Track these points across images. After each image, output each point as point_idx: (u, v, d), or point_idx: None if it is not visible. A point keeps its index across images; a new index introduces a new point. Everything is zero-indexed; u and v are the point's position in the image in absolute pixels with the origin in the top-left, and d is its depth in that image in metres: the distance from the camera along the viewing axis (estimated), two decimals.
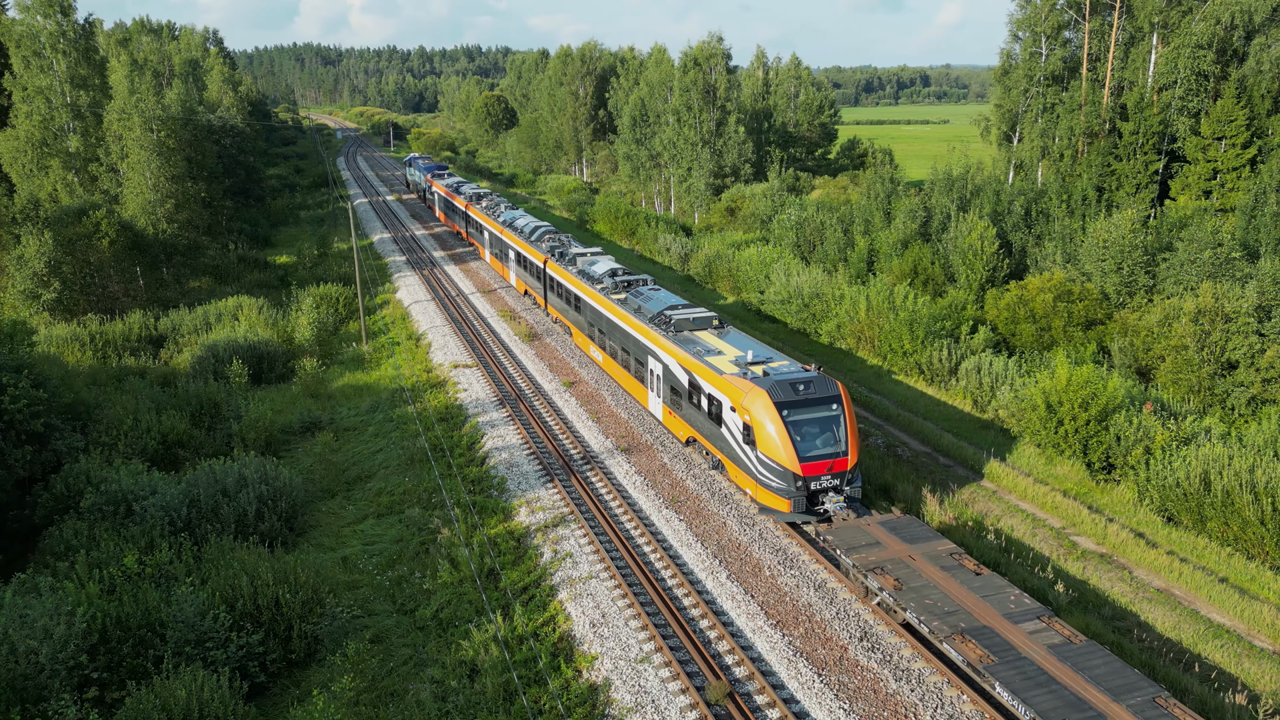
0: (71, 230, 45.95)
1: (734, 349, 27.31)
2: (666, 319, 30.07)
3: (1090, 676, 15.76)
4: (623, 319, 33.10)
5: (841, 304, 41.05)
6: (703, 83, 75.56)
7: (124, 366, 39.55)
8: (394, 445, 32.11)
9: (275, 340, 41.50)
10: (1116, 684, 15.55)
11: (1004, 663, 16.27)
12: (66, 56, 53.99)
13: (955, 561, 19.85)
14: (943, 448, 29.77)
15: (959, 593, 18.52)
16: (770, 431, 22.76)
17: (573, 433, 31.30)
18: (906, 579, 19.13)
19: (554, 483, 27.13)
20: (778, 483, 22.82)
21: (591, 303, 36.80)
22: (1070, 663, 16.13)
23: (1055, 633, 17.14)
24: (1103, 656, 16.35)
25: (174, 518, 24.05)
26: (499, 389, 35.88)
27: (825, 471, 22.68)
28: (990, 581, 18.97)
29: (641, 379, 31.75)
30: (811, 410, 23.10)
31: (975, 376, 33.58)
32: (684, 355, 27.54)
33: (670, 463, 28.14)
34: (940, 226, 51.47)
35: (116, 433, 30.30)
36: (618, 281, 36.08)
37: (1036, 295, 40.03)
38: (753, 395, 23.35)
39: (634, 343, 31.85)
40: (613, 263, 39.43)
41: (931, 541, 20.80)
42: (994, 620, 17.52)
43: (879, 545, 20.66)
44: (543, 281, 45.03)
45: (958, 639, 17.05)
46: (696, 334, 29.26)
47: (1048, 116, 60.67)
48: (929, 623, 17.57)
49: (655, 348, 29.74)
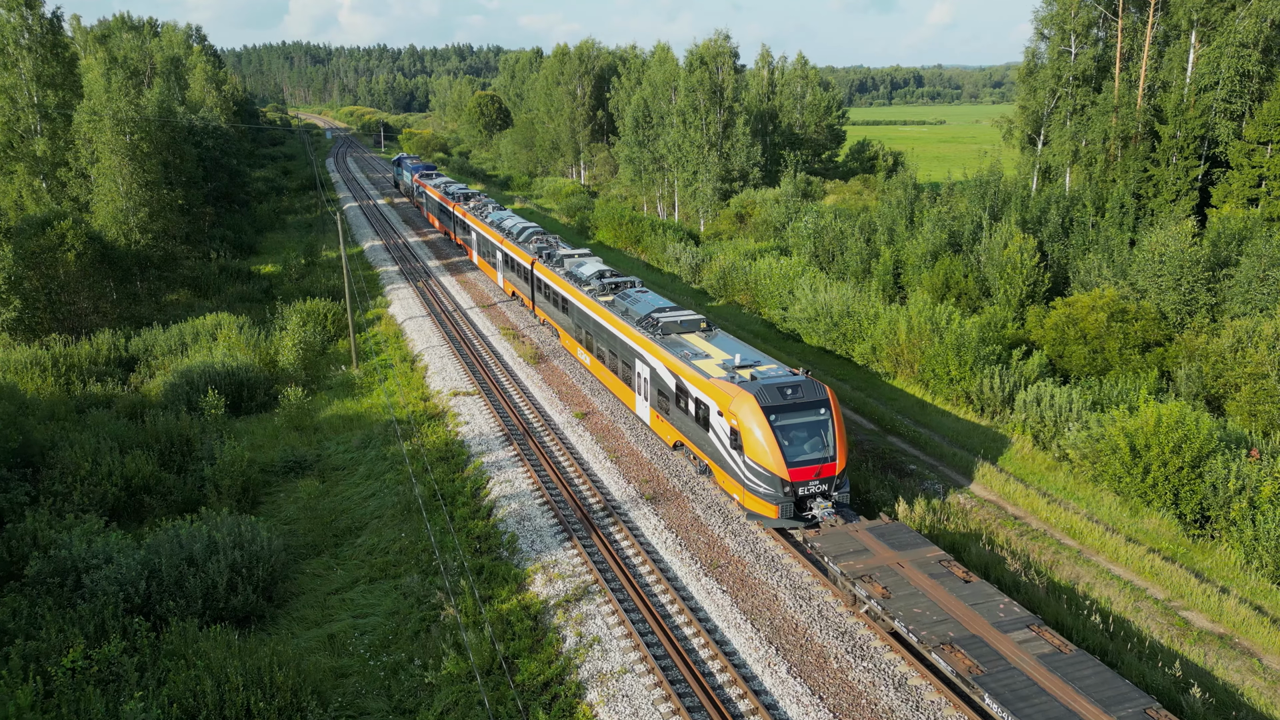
0: (34, 242, 42.16)
1: (722, 352, 26.92)
2: (654, 321, 29.69)
3: (1080, 687, 15.41)
4: (610, 321, 32.45)
5: (877, 324, 37.66)
6: (709, 83, 72.15)
7: (88, 395, 35.83)
8: (388, 489, 28.55)
9: (256, 365, 37.80)
10: (1107, 695, 15.21)
11: (993, 673, 15.90)
12: (32, 53, 50.13)
13: (944, 569, 19.45)
14: (1009, 495, 26.40)
15: (948, 601, 18.17)
16: (758, 436, 22.42)
17: (590, 476, 27.80)
18: (895, 587, 18.80)
19: (573, 541, 23.63)
20: (765, 488, 22.51)
21: (579, 305, 36.12)
22: (1060, 673, 15.81)
23: (1045, 642, 16.76)
24: (1093, 667, 15.97)
25: (130, 593, 20.47)
26: (504, 422, 32.34)
27: (813, 477, 22.45)
28: (980, 589, 18.59)
29: (629, 382, 31.17)
30: (799, 415, 22.80)
31: (1035, 409, 30.21)
32: (671, 359, 27.10)
33: (704, 516, 24.67)
34: (971, 237, 48.22)
35: (72, 479, 26.66)
36: (605, 283, 35.30)
37: (1087, 314, 36.73)
38: (740, 400, 22.97)
39: (621, 345, 31.31)
40: (600, 264, 38.76)
41: (920, 548, 20.36)
42: (983, 629, 17.18)
43: (867, 552, 20.27)
44: (530, 283, 44.42)
45: (946, 648, 16.69)
46: (684, 337, 28.92)
47: (1077, 119, 57.44)
48: (917, 631, 17.23)
49: (643, 351, 29.29)
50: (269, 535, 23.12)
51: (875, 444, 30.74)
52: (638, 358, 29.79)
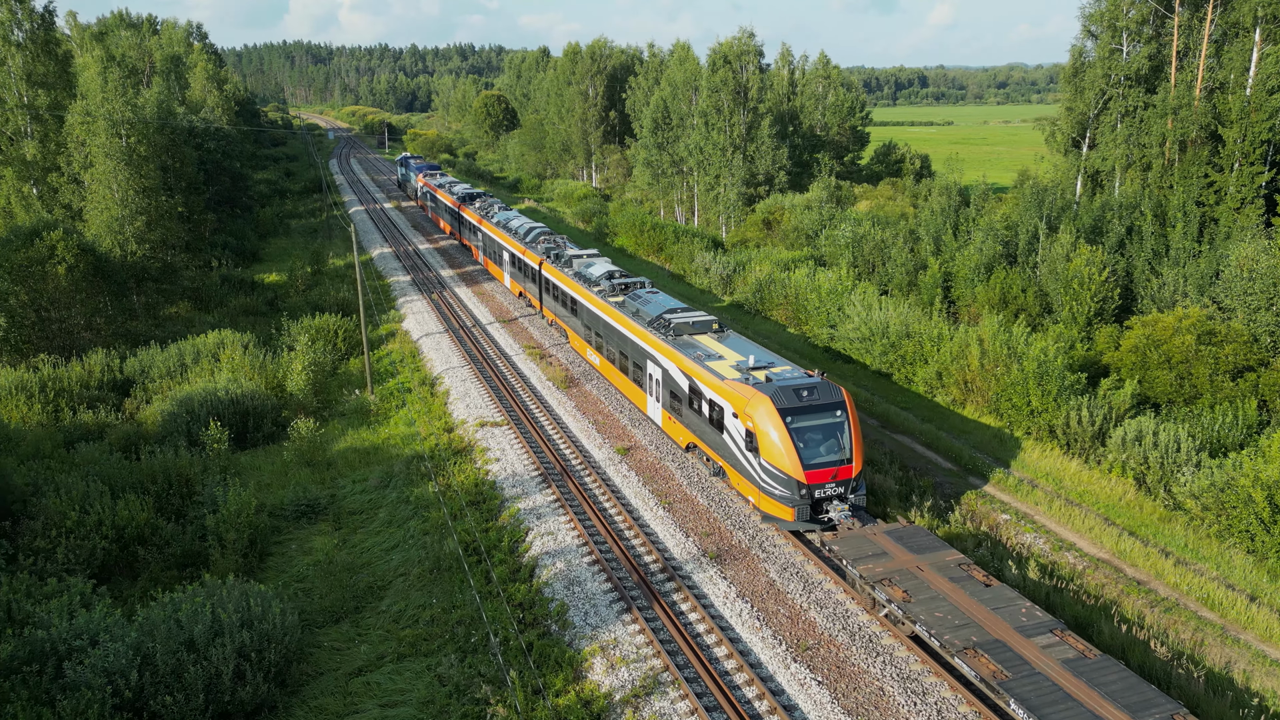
0: (22, 255, 38.95)
1: (735, 354, 26.80)
2: (666, 322, 29.42)
3: (1106, 692, 15.15)
4: (621, 322, 32.25)
5: (942, 346, 34.44)
6: (733, 82, 68.90)
7: (78, 425, 32.62)
8: (413, 540, 25.34)
9: (263, 391, 34.55)
10: (1133, 700, 14.93)
11: (1018, 678, 15.67)
12: (22, 50, 46.94)
13: (964, 572, 19.27)
14: (1125, 554, 23.19)
15: (969, 605, 18.01)
16: (774, 439, 22.28)
17: (642, 528, 24.58)
18: (915, 590, 18.62)
19: (633, 613, 20.41)
20: (781, 490, 22.38)
21: (589, 305, 35.73)
22: (1085, 678, 15.56)
23: (1069, 647, 16.55)
24: (1118, 672, 15.72)
25: (120, 686, 17.27)
26: (539, 459, 29.12)
27: (829, 479, 22.29)
28: (1000, 593, 18.40)
29: (640, 383, 30.88)
30: (815, 417, 22.60)
31: (1136, 449, 26.98)
32: (684, 360, 26.88)
33: (781, 580, 21.45)
34: (1027, 248, 45.01)
35: (57, 532, 23.47)
36: (615, 284, 35.04)
37: (1171, 336, 33.51)
38: (756, 402, 22.86)
39: (632, 346, 31.09)
40: (609, 264, 38.40)
41: (939, 551, 20.17)
42: (1006, 634, 17.00)
43: (886, 555, 20.12)
44: (538, 284, 43.96)
45: (970, 653, 16.51)
46: (696, 338, 28.71)
47: (1129, 121, 54.22)
48: (940, 636, 17.02)
49: (655, 352, 29.05)
50: (282, 609, 19.87)
51: (957, 486, 27.52)
52: (649, 359, 29.55)
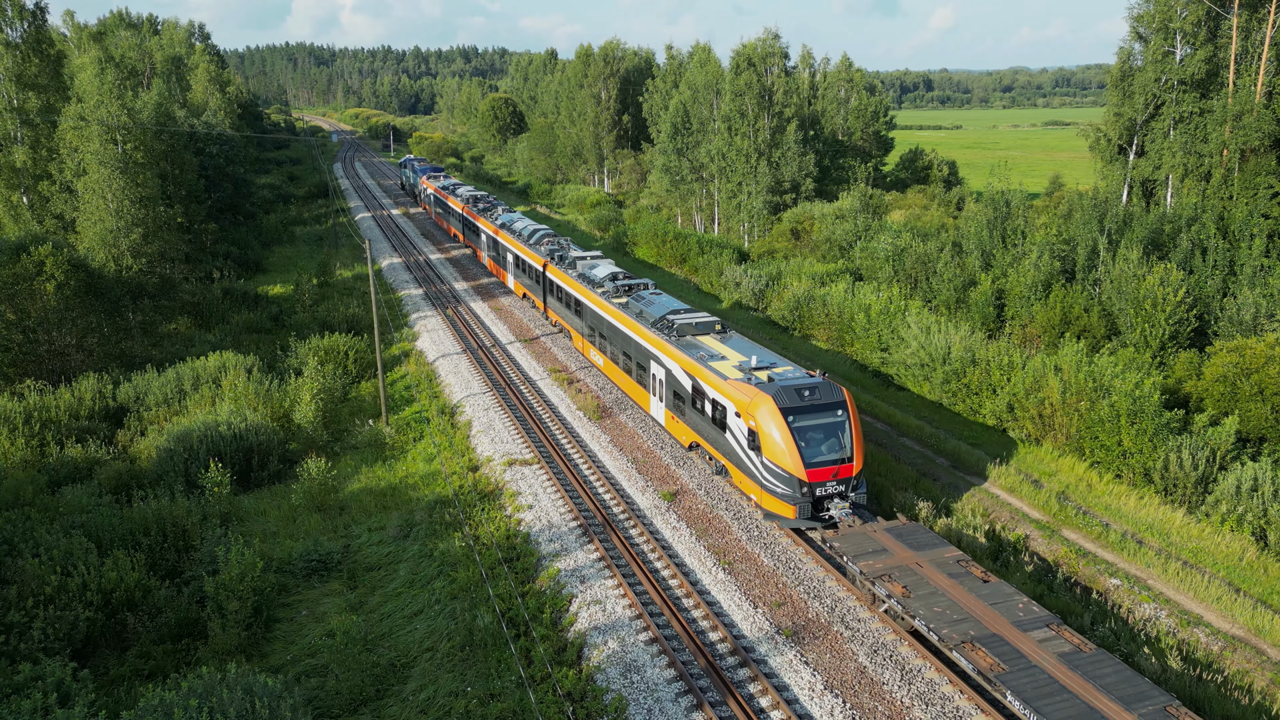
0: (8, 271, 35.99)
1: (738, 354, 27.18)
2: (669, 323, 29.87)
3: (1101, 685, 15.33)
4: (624, 323, 32.56)
5: (1013, 375, 31.37)
6: (758, 86, 65.90)
7: (64, 461, 29.63)
8: (439, 606, 22.29)
9: (268, 424, 31.51)
10: (1127, 693, 15.11)
11: (1015, 671, 15.89)
12: (11, 50, 44.01)
13: (963, 569, 19.55)
14: (1264, 630, 20.12)
15: (967, 600, 18.27)
16: (776, 437, 22.67)
17: (701, 595, 21.52)
18: (914, 586, 18.89)
19: (704, 710, 17.36)
20: (783, 489, 22.78)
21: (592, 307, 36.08)
22: (1081, 671, 15.75)
23: (1065, 641, 16.76)
24: (1113, 665, 15.93)
25: None
26: (577, 506, 26.07)
27: (831, 477, 22.70)
28: (999, 589, 18.68)
29: (644, 384, 31.27)
30: (817, 416, 22.98)
31: (1253, 500, 23.92)
32: (688, 360, 27.26)
33: (873, 667, 18.39)
34: (1086, 264, 41.98)
35: (34, 602, 20.45)
36: (619, 285, 35.50)
37: (1265, 364, 30.50)
38: (758, 401, 23.23)
39: (636, 347, 31.46)
40: (613, 266, 38.90)
41: (938, 548, 20.48)
42: (1004, 628, 17.22)
43: (886, 552, 20.42)
44: (542, 285, 44.39)
45: (968, 646, 16.72)
46: (699, 339, 29.10)
47: (1183, 127, 51.20)
48: (938, 630, 17.30)
49: (658, 352, 29.39)
50: (292, 707, 16.80)
51: (1050, 542, 24.44)
52: (653, 359, 29.86)
